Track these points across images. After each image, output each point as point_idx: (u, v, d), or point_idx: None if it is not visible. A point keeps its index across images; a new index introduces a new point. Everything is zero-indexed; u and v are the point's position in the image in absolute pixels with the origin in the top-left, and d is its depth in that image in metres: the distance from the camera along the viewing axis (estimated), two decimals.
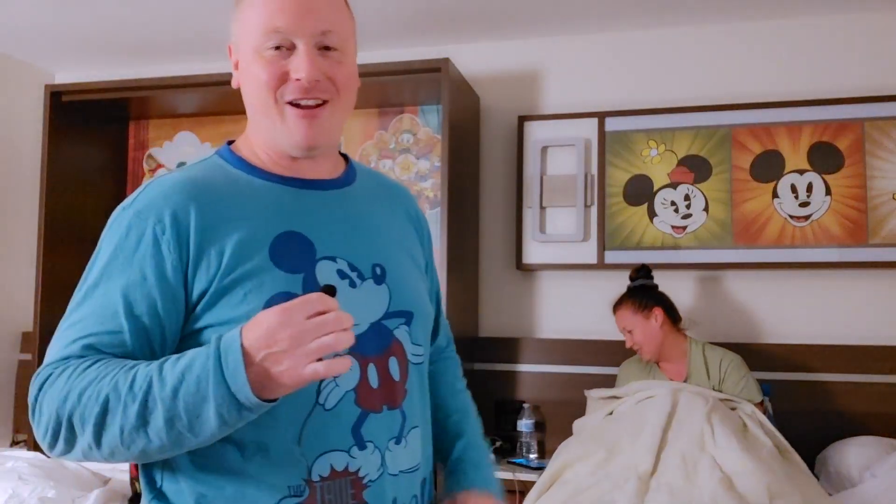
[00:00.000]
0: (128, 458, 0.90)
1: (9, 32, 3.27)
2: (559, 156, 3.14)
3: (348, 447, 0.96)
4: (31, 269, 3.49)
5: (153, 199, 0.97)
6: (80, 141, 3.42)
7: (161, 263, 0.93)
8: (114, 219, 0.99)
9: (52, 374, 0.91)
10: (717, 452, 2.09)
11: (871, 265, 2.79)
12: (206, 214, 0.96)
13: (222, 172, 1.03)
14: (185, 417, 0.84)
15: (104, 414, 0.86)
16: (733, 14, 2.98)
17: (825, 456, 2.60)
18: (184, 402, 0.84)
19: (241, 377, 0.82)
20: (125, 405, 0.85)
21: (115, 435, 0.86)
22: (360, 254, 1.04)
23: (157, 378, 0.85)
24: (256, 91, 1.01)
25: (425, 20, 3.07)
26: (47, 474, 2.42)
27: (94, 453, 0.89)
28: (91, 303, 0.94)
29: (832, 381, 2.80)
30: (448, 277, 2.77)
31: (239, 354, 0.83)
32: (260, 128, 1.04)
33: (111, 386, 0.87)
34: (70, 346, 0.92)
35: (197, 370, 0.84)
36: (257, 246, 0.96)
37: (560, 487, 2.18)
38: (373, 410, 0.99)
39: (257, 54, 1.00)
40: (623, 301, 2.69)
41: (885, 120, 2.82)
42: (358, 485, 0.97)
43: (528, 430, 2.90)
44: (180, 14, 3.03)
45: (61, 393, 0.88)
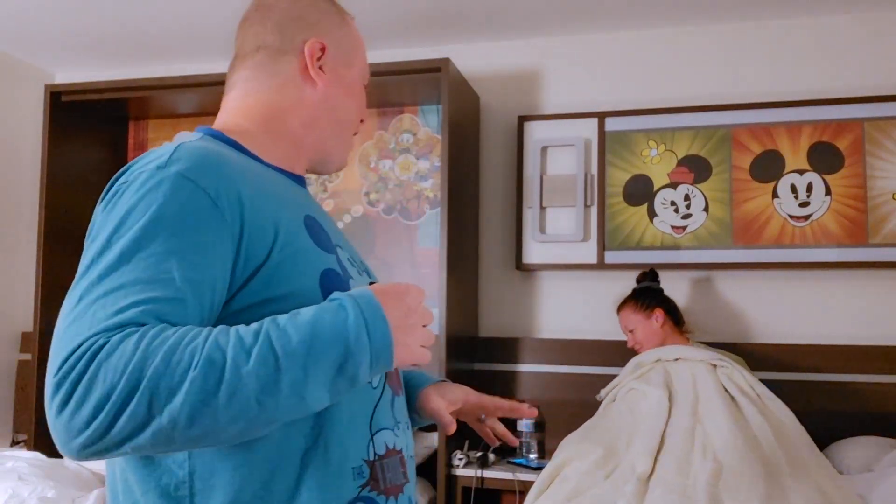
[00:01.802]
0: (219, 438, 0.76)
1: (9, 32, 3.27)
2: (559, 156, 3.14)
3: (393, 425, 0.99)
4: (31, 269, 3.49)
5: (198, 162, 0.87)
6: (80, 141, 3.42)
7: (216, 229, 0.84)
8: (145, 178, 0.85)
9: (110, 343, 0.74)
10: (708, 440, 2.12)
11: (871, 265, 2.79)
12: (251, 186, 0.90)
13: (236, 154, 0.98)
14: (311, 376, 0.77)
15: (206, 377, 0.73)
16: (733, 14, 2.98)
17: (825, 456, 2.60)
18: (315, 358, 0.77)
19: (388, 338, 0.83)
20: (236, 366, 0.74)
21: (220, 404, 0.73)
22: (351, 249, 1.08)
23: (277, 332, 0.77)
24: (354, 112, 1.11)
25: (425, 20, 3.07)
26: (47, 474, 2.42)
27: (173, 434, 0.73)
28: (132, 267, 0.79)
29: (832, 381, 2.80)
30: (448, 277, 2.77)
31: (381, 310, 0.83)
32: (320, 132, 1.08)
33: (210, 345, 0.75)
34: (122, 313, 0.76)
35: (329, 322, 0.79)
36: (297, 223, 0.95)
37: (559, 486, 2.18)
38: (395, 393, 1.03)
39: (362, 87, 1.13)
40: (626, 301, 2.74)
41: (885, 120, 2.82)
42: (404, 462, 1.00)
43: (528, 430, 2.90)
44: (180, 14, 3.03)
45: (134, 360, 0.73)
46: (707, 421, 2.18)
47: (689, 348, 2.51)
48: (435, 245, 2.94)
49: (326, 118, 1.07)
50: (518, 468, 2.75)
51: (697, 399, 2.28)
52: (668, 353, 2.51)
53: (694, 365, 2.41)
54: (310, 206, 1.02)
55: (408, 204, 3.29)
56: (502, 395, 3.09)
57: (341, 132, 1.10)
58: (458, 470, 2.75)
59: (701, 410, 2.23)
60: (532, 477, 2.57)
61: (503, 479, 2.71)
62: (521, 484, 2.65)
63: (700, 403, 2.26)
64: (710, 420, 2.17)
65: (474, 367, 3.11)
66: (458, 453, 2.79)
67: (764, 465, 2.00)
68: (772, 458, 2.06)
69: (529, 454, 2.87)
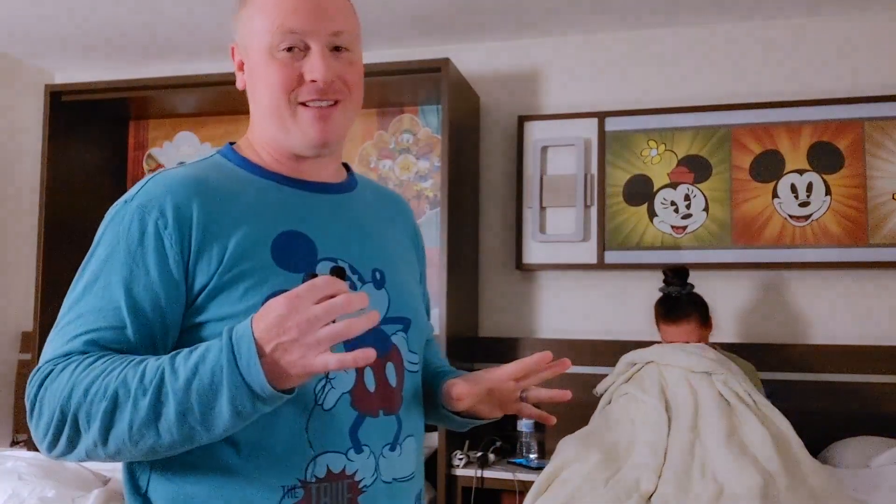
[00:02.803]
0: (134, 456, 0.87)
1: (9, 32, 3.27)
2: (559, 156, 3.14)
3: (346, 449, 0.96)
4: (31, 269, 3.49)
5: (156, 194, 0.95)
6: (80, 141, 3.42)
7: (164, 257, 0.92)
8: (114, 213, 0.97)
9: (54, 371, 0.88)
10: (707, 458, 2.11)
11: (871, 265, 2.79)
12: (209, 210, 0.95)
13: (225, 170, 1.03)
14: (197, 410, 0.82)
15: (113, 409, 0.83)
16: (733, 14, 2.98)
17: (825, 456, 2.60)
18: (197, 395, 0.82)
19: (256, 367, 0.80)
20: (135, 399, 0.83)
21: (124, 431, 0.84)
22: (361, 257, 1.04)
23: (170, 371, 0.83)
24: (269, 92, 1.00)
25: (425, 20, 3.07)
26: (47, 474, 2.42)
27: (99, 452, 0.86)
28: (91, 298, 0.92)
29: (832, 381, 2.80)
30: (448, 277, 2.77)
31: (252, 344, 0.81)
32: (268, 128, 1.03)
33: (120, 380, 0.84)
34: (71, 342, 0.90)
35: (210, 362, 0.82)
36: (259, 244, 0.95)
37: (558, 488, 2.18)
38: (369, 414, 0.98)
39: (269, 56, 1.00)
40: (688, 314, 2.50)
41: (885, 120, 2.82)
42: (354, 489, 0.96)
43: (528, 430, 2.90)
44: (180, 14, 3.03)
45: (65, 389, 0.85)
46: (706, 438, 2.16)
47: (685, 354, 2.39)
48: (435, 245, 2.94)
49: (259, 114, 1.04)
50: (518, 468, 2.75)
51: (697, 412, 2.24)
52: (663, 356, 2.42)
53: (689, 373, 2.36)
54: (304, 219, 1.00)
55: None
56: None
57: (274, 118, 1.01)
58: (458, 470, 2.75)
59: (700, 424, 2.21)
60: (532, 477, 2.57)
61: (503, 479, 2.71)
62: (521, 484, 2.65)
63: (700, 417, 2.22)
64: (710, 437, 2.15)
65: (474, 367, 3.11)
66: (458, 453, 2.79)
67: (761, 488, 1.98)
68: (770, 473, 2.05)
69: (529, 454, 2.87)
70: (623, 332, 3.03)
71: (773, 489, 1.98)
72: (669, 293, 2.59)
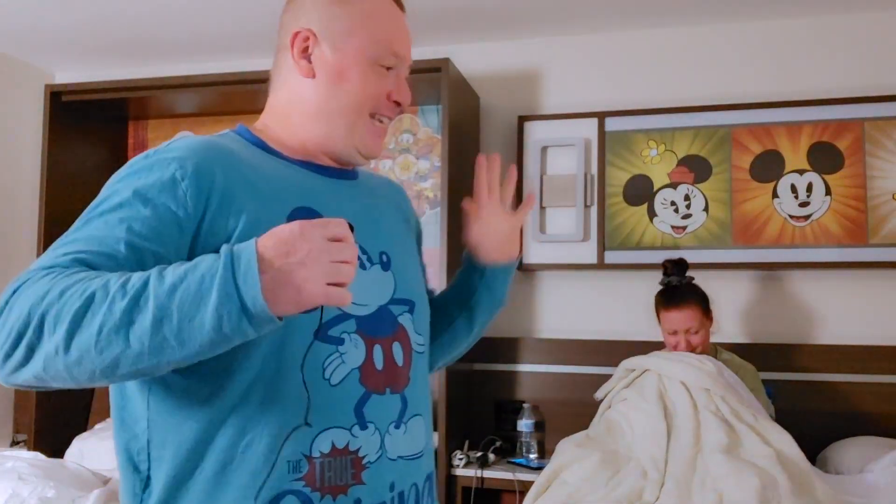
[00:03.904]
0: (94, 371, 0.80)
1: (9, 32, 3.27)
2: (559, 156, 3.14)
3: (350, 425, 0.96)
4: None
5: (179, 150, 0.95)
6: (80, 141, 3.42)
7: (177, 206, 0.90)
8: (133, 162, 0.96)
9: (31, 279, 0.84)
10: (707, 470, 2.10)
11: (871, 265, 2.79)
12: (230, 176, 0.95)
13: (243, 146, 1.03)
14: (175, 317, 0.77)
15: (86, 309, 0.78)
16: (733, 14, 2.98)
17: (825, 456, 2.60)
18: (180, 300, 0.78)
19: (253, 277, 0.77)
20: (112, 301, 0.78)
21: (92, 334, 0.78)
22: (369, 239, 1.05)
23: (156, 276, 0.80)
24: (355, 96, 1.04)
25: (425, 20, 3.07)
26: (47, 474, 2.42)
27: (57, 362, 0.79)
28: (90, 228, 0.90)
29: (832, 381, 2.80)
30: (448, 277, 2.77)
31: (253, 256, 0.78)
32: (325, 123, 1.05)
33: (100, 284, 0.80)
34: (59, 258, 0.86)
35: (202, 269, 0.79)
36: (275, 216, 0.95)
37: (558, 489, 2.18)
38: (376, 391, 0.99)
39: (370, 64, 1.04)
40: (689, 300, 2.51)
41: (885, 120, 2.82)
42: (358, 464, 0.97)
43: (528, 430, 2.90)
44: (180, 14, 3.03)
45: (39, 292, 0.81)
46: (707, 451, 2.15)
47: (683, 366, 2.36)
48: (435, 245, 2.94)
49: (326, 108, 1.05)
50: (518, 468, 2.75)
51: (698, 424, 2.23)
52: (661, 366, 2.41)
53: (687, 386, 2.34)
54: (317, 198, 1.02)
55: None
56: (502, 396, 3.09)
57: (345, 119, 1.04)
58: (458, 470, 2.75)
59: (702, 436, 2.20)
60: (532, 477, 2.57)
61: (503, 479, 2.71)
62: (521, 484, 2.65)
63: (701, 428, 2.21)
64: (711, 450, 2.15)
65: (474, 366, 3.11)
66: (458, 453, 2.79)
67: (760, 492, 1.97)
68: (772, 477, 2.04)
69: (529, 454, 2.87)
70: (623, 332, 3.03)
71: (773, 493, 1.98)
72: (669, 282, 2.61)
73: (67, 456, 2.96)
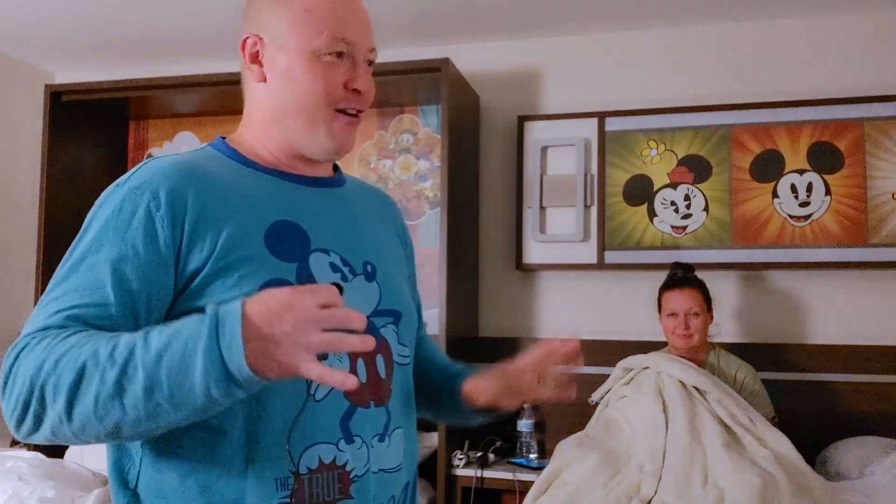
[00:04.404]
0: (99, 435, 0.83)
1: (9, 32, 3.26)
2: (559, 156, 3.14)
3: (336, 440, 0.95)
4: (31, 269, 3.49)
5: (150, 177, 0.94)
6: (80, 141, 3.42)
7: (154, 239, 0.91)
8: (106, 195, 0.96)
9: (30, 344, 0.86)
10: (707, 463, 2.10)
11: (871, 265, 2.79)
12: (204, 196, 0.94)
13: (218, 161, 1.02)
14: (166, 385, 0.79)
15: (79, 381, 0.81)
16: (733, 14, 2.98)
17: (825, 456, 2.60)
18: (167, 368, 0.79)
19: (237, 345, 0.77)
20: (103, 371, 0.80)
21: (89, 405, 0.80)
22: (353, 250, 1.04)
23: (142, 344, 0.81)
24: (307, 94, 1.00)
25: (425, 20, 3.06)
26: (47, 474, 2.42)
27: (64, 429, 0.83)
28: (77, 277, 0.90)
29: (832, 381, 2.80)
30: (448, 277, 2.77)
31: (237, 323, 0.78)
32: (286, 127, 1.03)
33: (90, 352, 0.81)
34: (51, 317, 0.88)
35: (186, 335, 0.79)
36: (253, 232, 0.95)
37: (557, 489, 2.18)
38: (361, 405, 0.98)
39: (314, 59, 1.00)
40: (693, 284, 2.57)
41: (885, 120, 2.82)
42: (345, 479, 0.96)
43: (528, 430, 2.90)
44: (180, 14, 3.03)
45: (37, 361, 0.83)
46: (706, 442, 2.15)
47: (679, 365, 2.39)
48: (435, 245, 2.94)
49: (281, 111, 1.02)
50: (518, 468, 2.75)
51: (695, 415, 2.23)
52: (659, 364, 2.42)
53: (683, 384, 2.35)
54: (297, 209, 1.00)
55: (408, 204, 3.29)
56: None
57: (303, 119, 1.01)
58: (458, 470, 2.75)
59: (699, 427, 2.20)
60: (532, 477, 2.57)
61: (503, 479, 2.71)
62: (521, 484, 2.65)
63: (697, 419, 2.22)
64: (709, 441, 2.15)
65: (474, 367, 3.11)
66: (458, 453, 2.79)
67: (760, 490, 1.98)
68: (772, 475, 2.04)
69: (529, 454, 2.87)
70: (623, 332, 3.03)
71: (773, 492, 1.98)
72: (675, 273, 2.66)
73: (67, 456, 2.96)
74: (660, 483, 2.09)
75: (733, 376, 2.52)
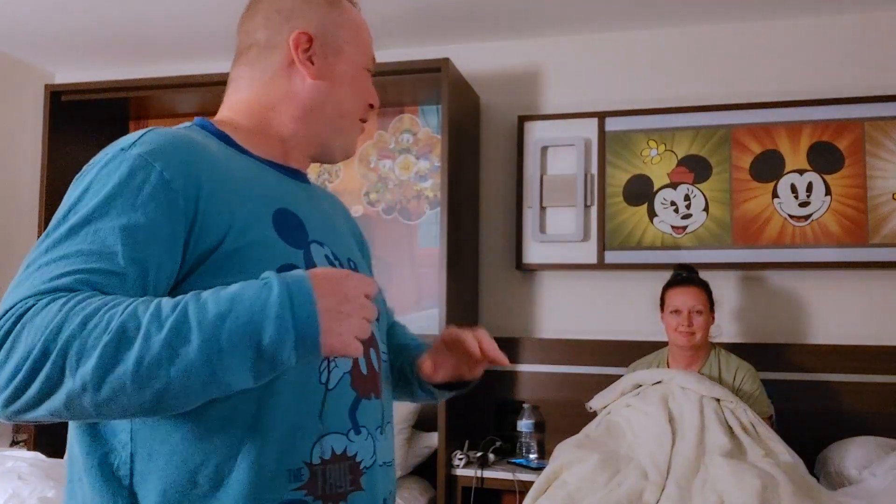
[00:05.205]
0: (128, 407, 0.75)
1: (9, 32, 3.27)
2: (559, 156, 3.14)
3: (346, 430, 0.94)
4: None
5: (160, 146, 0.88)
6: (80, 141, 3.42)
7: (168, 211, 0.85)
8: (108, 158, 0.88)
9: (36, 306, 0.76)
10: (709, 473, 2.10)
11: (871, 265, 2.79)
12: (215, 175, 0.91)
13: (214, 143, 0.99)
14: (227, 350, 0.74)
15: (118, 343, 0.73)
16: (733, 14, 2.98)
17: (825, 456, 2.60)
18: (229, 332, 0.74)
19: (313, 315, 0.76)
20: (147, 334, 0.73)
21: (128, 370, 0.72)
22: (338, 245, 1.05)
23: (195, 305, 0.75)
24: (352, 100, 1.08)
25: (425, 20, 3.07)
26: (47, 474, 2.42)
27: (85, 400, 0.74)
28: (78, 240, 0.82)
29: (832, 381, 2.80)
30: (448, 277, 2.77)
31: (311, 293, 0.77)
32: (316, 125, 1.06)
33: (128, 313, 0.74)
34: (57, 279, 0.78)
35: (249, 299, 0.76)
36: (261, 216, 0.93)
37: (558, 489, 2.18)
38: (364, 396, 0.98)
39: (363, 71, 1.10)
40: (697, 283, 2.59)
41: (885, 120, 2.82)
42: (356, 470, 0.95)
43: (527, 430, 2.90)
44: (180, 14, 3.03)
45: (53, 322, 0.74)
46: (711, 455, 2.15)
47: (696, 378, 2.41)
48: (435, 245, 2.94)
49: (320, 110, 1.05)
50: (518, 468, 2.75)
51: (703, 429, 2.23)
52: (673, 377, 2.43)
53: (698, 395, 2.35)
54: (292, 200, 1.00)
55: (408, 204, 3.29)
56: (502, 396, 3.09)
57: (338, 122, 1.07)
58: (458, 470, 2.75)
59: (706, 441, 2.20)
60: (532, 477, 2.57)
61: (503, 479, 2.71)
62: (521, 484, 2.65)
63: (706, 433, 2.22)
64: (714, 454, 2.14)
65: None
66: (458, 453, 2.79)
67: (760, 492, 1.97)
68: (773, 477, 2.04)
69: (529, 454, 2.87)
70: (623, 332, 3.03)
71: (773, 494, 1.97)
72: (679, 273, 2.66)
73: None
74: (662, 493, 2.09)
75: (733, 375, 2.53)
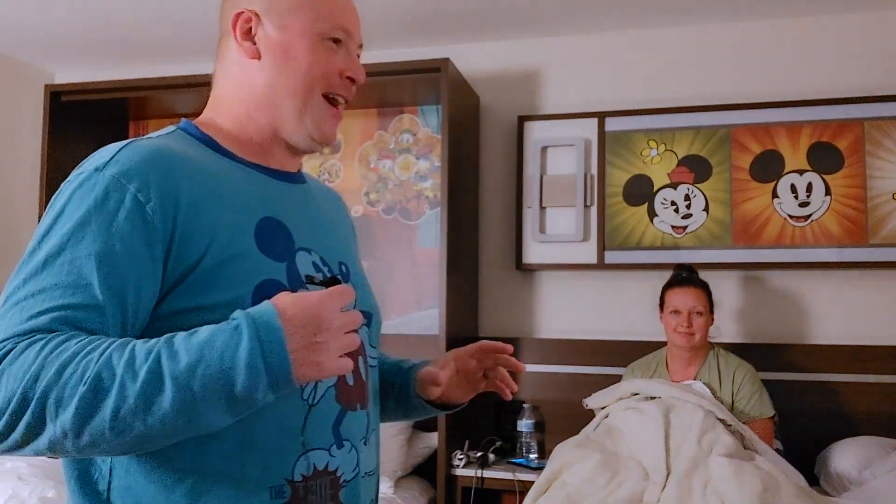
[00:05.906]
0: (111, 450, 0.77)
1: (9, 32, 3.27)
2: (559, 156, 3.14)
3: (328, 445, 0.93)
4: None
5: (135, 164, 0.85)
6: (79, 141, 3.42)
7: (144, 234, 0.83)
8: (80, 181, 0.86)
9: (15, 350, 0.76)
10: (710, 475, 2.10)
11: (871, 265, 2.79)
12: (193, 187, 0.87)
13: (193, 147, 0.95)
14: (200, 398, 0.75)
15: (94, 394, 0.73)
16: (732, 14, 2.98)
17: (825, 456, 2.60)
18: (202, 381, 0.74)
19: (284, 357, 0.76)
20: (122, 384, 0.73)
21: (105, 421, 0.73)
22: (329, 249, 1.01)
23: (167, 354, 0.75)
24: (303, 73, 0.98)
25: (425, 20, 3.07)
26: (47, 474, 2.42)
27: (67, 444, 0.75)
28: (54, 272, 0.80)
29: (832, 381, 2.80)
30: (448, 277, 2.77)
31: (281, 333, 0.76)
32: (272, 109, 0.99)
33: (102, 362, 0.74)
34: (34, 319, 0.78)
35: (220, 346, 0.76)
36: (243, 229, 0.90)
37: (558, 490, 2.18)
38: (350, 408, 0.96)
39: (317, 40, 0.98)
40: (697, 284, 2.59)
41: (885, 120, 2.82)
42: (336, 484, 0.93)
43: (527, 430, 2.90)
44: (180, 14, 3.03)
45: (31, 369, 0.74)
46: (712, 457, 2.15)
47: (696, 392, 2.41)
48: (435, 245, 2.94)
49: (270, 93, 0.98)
50: (518, 468, 2.75)
51: (704, 432, 2.23)
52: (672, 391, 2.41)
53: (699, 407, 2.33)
54: (279, 206, 0.97)
55: (408, 204, 3.29)
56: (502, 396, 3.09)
57: (292, 102, 0.98)
58: (458, 470, 2.75)
59: (707, 441, 2.21)
60: (532, 477, 2.57)
61: (503, 479, 2.71)
62: (521, 484, 2.65)
63: (706, 436, 2.22)
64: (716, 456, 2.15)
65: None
66: (458, 453, 2.79)
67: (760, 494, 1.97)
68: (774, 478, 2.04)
69: (529, 454, 2.87)
70: (623, 332, 3.03)
71: (773, 494, 1.97)
72: (679, 273, 2.66)
73: None
74: (663, 493, 2.09)
75: (732, 376, 2.52)
